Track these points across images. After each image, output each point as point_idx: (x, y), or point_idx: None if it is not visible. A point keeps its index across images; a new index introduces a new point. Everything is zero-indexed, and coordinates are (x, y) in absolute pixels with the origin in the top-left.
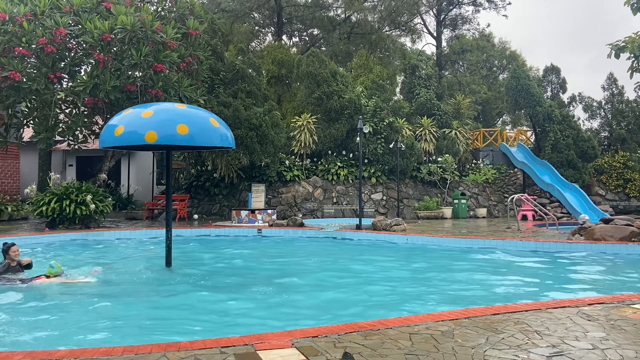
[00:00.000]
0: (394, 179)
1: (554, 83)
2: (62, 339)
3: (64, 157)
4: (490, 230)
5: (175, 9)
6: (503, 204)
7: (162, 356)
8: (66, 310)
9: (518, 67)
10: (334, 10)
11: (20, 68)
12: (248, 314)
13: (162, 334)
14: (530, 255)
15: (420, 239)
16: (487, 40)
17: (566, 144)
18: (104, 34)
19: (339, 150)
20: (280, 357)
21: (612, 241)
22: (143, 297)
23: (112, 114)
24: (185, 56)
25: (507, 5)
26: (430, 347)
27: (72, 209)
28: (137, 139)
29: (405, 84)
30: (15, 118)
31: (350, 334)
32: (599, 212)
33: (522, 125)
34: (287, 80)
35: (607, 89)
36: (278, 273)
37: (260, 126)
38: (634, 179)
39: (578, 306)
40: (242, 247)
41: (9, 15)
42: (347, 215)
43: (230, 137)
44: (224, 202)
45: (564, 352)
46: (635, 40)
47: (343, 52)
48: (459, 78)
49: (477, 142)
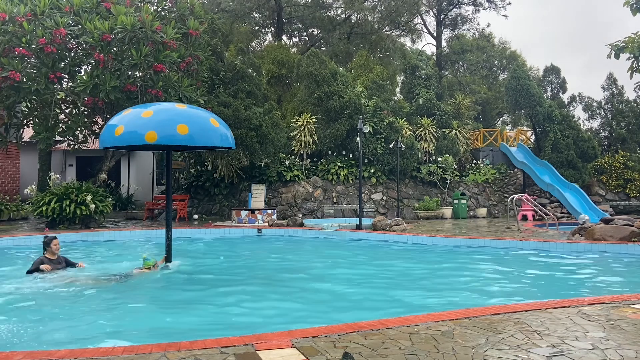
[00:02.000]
0: (394, 179)
1: (554, 83)
2: (62, 339)
3: (64, 157)
4: (490, 230)
5: (175, 9)
6: (503, 204)
7: (162, 356)
8: (66, 310)
9: (518, 67)
10: (334, 10)
11: (20, 68)
12: (248, 314)
13: (162, 334)
14: (530, 255)
15: (420, 239)
16: (487, 40)
17: (566, 144)
18: (104, 34)
19: (339, 150)
20: (280, 357)
21: (612, 241)
22: (143, 297)
23: (112, 114)
24: (185, 56)
25: (507, 5)
26: (430, 347)
27: (72, 209)
28: (137, 139)
29: (405, 84)
30: (15, 118)
31: (350, 334)
32: (599, 212)
33: (522, 125)
34: (287, 80)
35: (607, 89)
36: (278, 273)
37: (260, 126)
38: (634, 179)
39: (578, 306)
40: (242, 247)
41: (9, 15)
42: (347, 215)
43: (230, 137)
44: (224, 202)
45: (564, 352)
46: (635, 40)
47: (343, 52)
48: (459, 78)
49: (477, 142)
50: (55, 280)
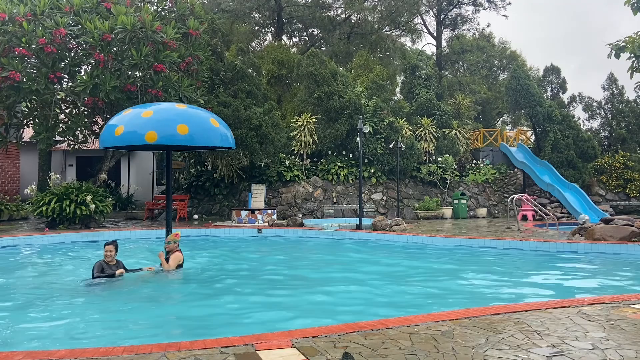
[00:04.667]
0: (394, 179)
1: (554, 83)
2: (62, 339)
3: (64, 157)
4: (490, 230)
5: (176, 9)
6: (503, 204)
7: (162, 356)
8: (66, 310)
9: (518, 67)
10: (334, 10)
11: (20, 68)
12: (248, 314)
13: (162, 334)
14: (530, 255)
15: (420, 239)
16: (487, 40)
17: (566, 144)
18: (104, 34)
19: (339, 150)
20: (280, 357)
21: (612, 241)
22: (143, 297)
23: (112, 114)
24: (185, 56)
25: (507, 5)
26: (430, 347)
27: (72, 209)
28: (137, 139)
29: (405, 84)
30: (15, 118)
31: (350, 334)
32: (599, 212)
33: (522, 125)
34: (287, 80)
35: (607, 89)
36: (278, 273)
37: (260, 126)
38: (634, 179)
39: (578, 306)
40: (242, 247)
41: (9, 15)
42: (347, 215)
43: (230, 137)
44: (224, 202)
45: (564, 352)
46: (635, 40)
47: (343, 52)
48: (459, 78)
49: (477, 142)
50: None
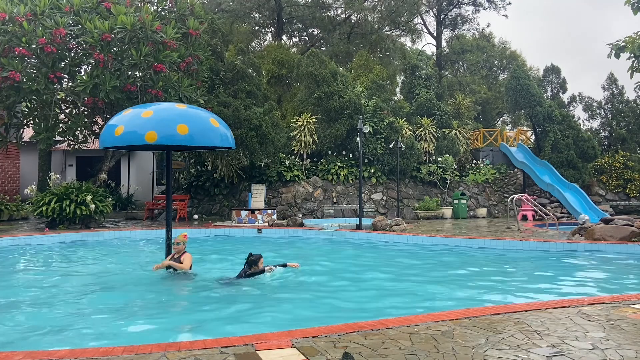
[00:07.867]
0: (394, 179)
1: (554, 83)
2: (62, 339)
3: (64, 157)
4: (490, 230)
5: (175, 9)
6: (503, 204)
7: (162, 356)
8: (65, 310)
9: (518, 67)
10: (334, 10)
11: (20, 68)
12: (248, 314)
13: (162, 334)
14: (530, 255)
15: (420, 239)
16: (487, 40)
17: (566, 144)
18: (104, 34)
19: (339, 150)
20: (280, 357)
21: (612, 241)
22: (143, 297)
23: (112, 114)
24: (185, 56)
25: (507, 5)
26: (430, 347)
27: (72, 209)
28: (137, 139)
29: (405, 84)
30: (15, 118)
31: (350, 334)
32: (599, 212)
33: (522, 125)
34: (287, 80)
35: (607, 89)
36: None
37: (260, 126)
38: (634, 179)
39: (578, 306)
40: (242, 247)
41: (9, 15)
42: (347, 215)
43: (230, 137)
44: (224, 202)
45: (564, 352)
46: (635, 40)
47: (343, 52)
48: (459, 78)
49: (477, 142)
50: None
